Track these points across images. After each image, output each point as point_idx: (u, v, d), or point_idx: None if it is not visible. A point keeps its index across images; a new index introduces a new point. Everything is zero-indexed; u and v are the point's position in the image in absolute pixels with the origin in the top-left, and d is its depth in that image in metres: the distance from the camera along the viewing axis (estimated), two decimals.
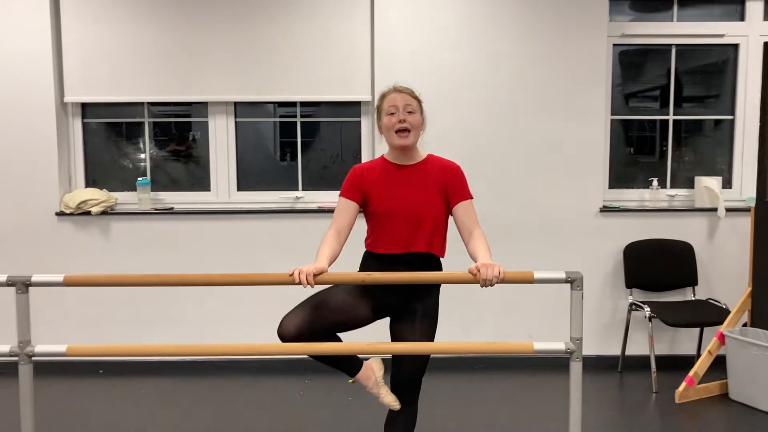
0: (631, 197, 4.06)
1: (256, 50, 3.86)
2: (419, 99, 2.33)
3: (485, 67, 3.84)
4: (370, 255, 2.32)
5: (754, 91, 3.94)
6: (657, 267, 3.91)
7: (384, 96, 2.32)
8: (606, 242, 3.95)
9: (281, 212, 3.94)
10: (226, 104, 3.97)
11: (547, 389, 3.64)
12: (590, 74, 3.85)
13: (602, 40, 3.84)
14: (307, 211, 3.94)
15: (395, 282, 2.14)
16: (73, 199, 3.83)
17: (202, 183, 4.07)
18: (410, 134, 2.26)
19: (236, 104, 4.00)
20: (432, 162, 2.33)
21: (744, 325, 3.55)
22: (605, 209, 3.93)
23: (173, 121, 4.14)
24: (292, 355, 3.72)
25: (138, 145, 4.11)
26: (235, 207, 3.98)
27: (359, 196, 2.29)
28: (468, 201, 2.29)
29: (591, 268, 3.89)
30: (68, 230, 3.89)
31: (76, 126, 3.98)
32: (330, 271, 2.06)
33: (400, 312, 2.30)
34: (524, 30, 3.82)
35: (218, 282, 2.20)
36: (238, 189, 4.06)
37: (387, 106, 2.28)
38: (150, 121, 4.06)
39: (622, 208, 3.97)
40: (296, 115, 4.06)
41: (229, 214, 3.93)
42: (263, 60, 3.87)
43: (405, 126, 2.24)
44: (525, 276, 2.03)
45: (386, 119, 2.28)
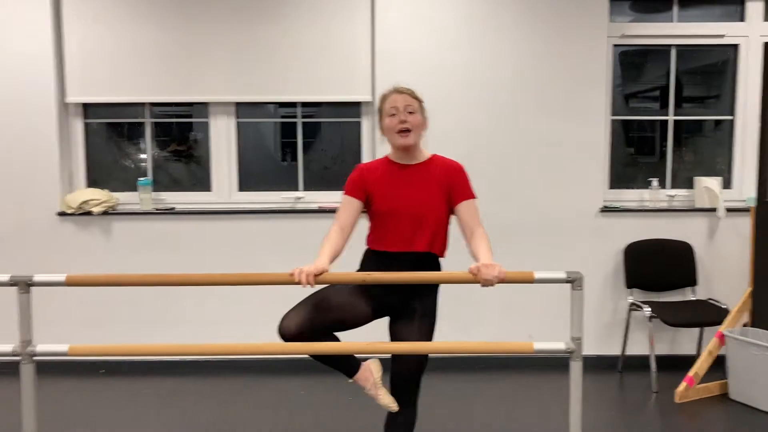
0: (632, 197, 4.06)
1: (257, 51, 3.87)
2: (420, 99, 2.33)
3: (486, 68, 3.85)
4: (371, 253, 2.33)
5: (754, 92, 3.94)
6: (657, 267, 3.92)
7: (385, 97, 2.33)
8: (606, 242, 3.95)
9: (282, 212, 3.94)
10: (227, 105, 3.98)
11: (547, 389, 3.64)
12: (590, 75, 3.85)
13: (602, 41, 3.84)
14: (308, 212, 3.95)
15: (396, 282, 2.15)
16: (75, 199, 3.84)
17: (204, 183, 4.08)
18: (411, 134, 2.26)
19: (237, 104, 4.00)
20: (435, 162, 2.34)
21: (744, 325, 3.55)
22: (605, 209, 3.94)
23: (174, 122, 4.15)
24: (293, 355, 3.73)
25: (139, 146, 4.12)
26: (236, 207, 3.99)
27: (362, 194, 2.30)
28: (470, 200, 2.29)
29: (591, 268, 3.90)
30: (70, 230, 3.90)
31: (78, 126, 3.99)
32: (331, 270, 2.07)
33: (400, 311, 2.31)
34: (524, 30, 3.83)
35: (219, 282, 2.20)
36: (239, 189, 4.07)
37: (388, 108, 2.28)
38: (151, 122, 4.07)
39: (623, 209, 3.97)
40: (297, 116, 4.07)
41: (230, 214, 3.94)
42: (264, 60, 3.88)
43: (406, 126, 2.25)
44: (525, 276, 2.03)
45: (387, 120, 2.29)
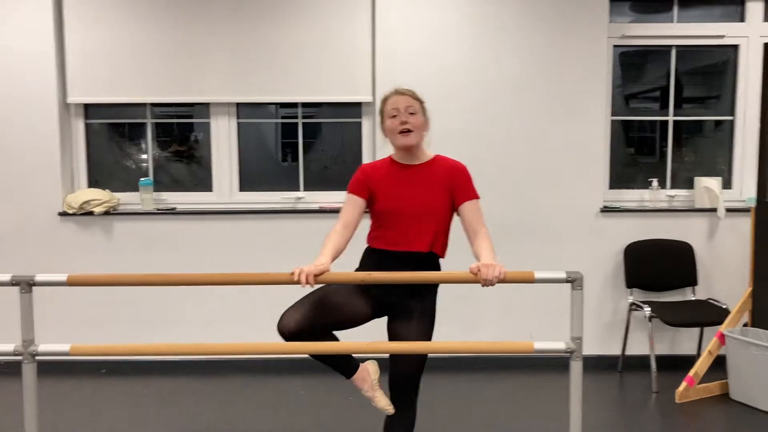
0: (632, 198, 4.07)
1: (258, 51, 3.88)
2: (421, 100, 2.34)
3: (486, 68, 3.85)
4: (372, 251, 2.34)
5: (754, 92, 3.94)
6: (657, 267, 3.92)
7: (386, 99, 2.34)
8: (606, 242, 3.96)
9: (283, 212, 3.95)
10: (228, 105, 3.99)
11: (548, 389, 3.64)
12: (591, 75, 3.86)
13: (602, 41, 3.85)
14: (309, 212, 3.95)
15: (396, 282, 2.15)
16: (76, 200, 3.84)
17: (205, 183, 4.08)
18: (412, 134, 2.27)
19: (238, 105, 4.01)
20: (438, 162, 2.35)
21: (744, 325, 3.56)
22: (605, 209, 3.94)
23: (175, 122, 4.15)
24: (293, 355, 3.73)
25: (140, 146, 4.13)
26: (237, 207, 3.99)
27: (366, 193, 2.31)
28: (474, 201, 2.30)
29: (591, 268, 3.90)
30: (71, 230, 3.91)
31: (79, 126, 4.00)
32: (332, 269, 2.07)
33: (398, 311, 2.31)
34: (525, 31, 3.83)
35: (220, 282, 2.21)
36: (240, 189, 4.07)
37: (389, 109, 2.30)
38: (152, 122, 4.08)
39: (623, 209, 3.98)
40: (298, 116, 4.07)
41: (231, 215, 3.94)
42: (265, 61, 3.89)
43: (407, 127, 2.26)
44: (526, 276, 2.04)
45: (389, 122, 2.30)
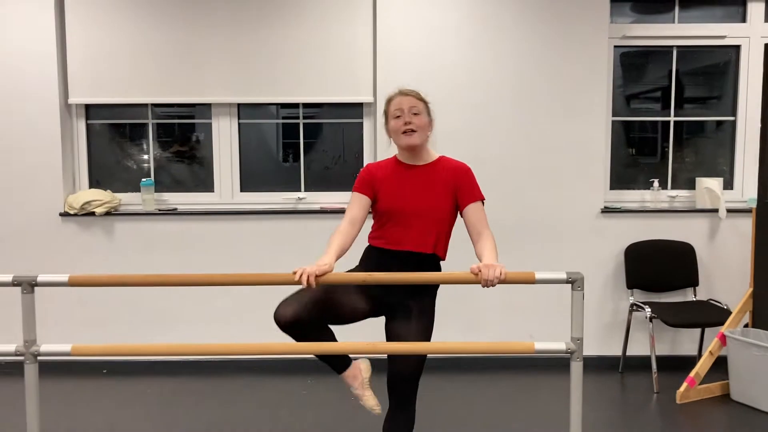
0: (632, 198, 4.07)
1: (259, 52, 3.88)
2: (425, 101, 2.35)
3: (487, 68, 3.85)
4: (372, 249, 2.35)
5: (756, 93, 3.93)
6: (658, 268, 3.92)
7: (390, 100, 2.35)
8: (607, 243, 3.96)
9: (284, 213, 3.95)
10: (230, 106, 3.99)
11: (548, 389, 3.65)
12: (591, 75, 3.86)
13: (603, 42, 3.85)
14: (310, 212, 3.95)
15: (396, 282, 2.15)
16: (77, 200, 3.85)
17: (206, 184, 4.09)
18: (416, 134, 2.28)
19: (239, 105, 4.01)
20: (443, 163, 2.35)
21: (745, 326, 3.55)
22: (606, 210, 3.94)
23: (177, 123, 4.16)
24: (293, 355, 3.74)
25: (142, 146, 4.13)
26: (238, 208, 4.00)
27: (371, 192, 2.32)
28: (478, 202, 2.30)
29: (592, 269, 3.90)
30: (72, 231, 3.91)
31: (80, 127, 4.01)
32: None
33: (397, 310, 2.31)
34: (525, 31, 3.84)
35: (221, 282, 2.21)
36: (241, 190, 4.08)
37: (393, 110, 2.31)
38: (154, 123, 4.08)
39: (623, 209, 3.98)
40: (299, 117, 4.08)
41: (232, 215, 3.95)
42: (266, 61, 3.89)
43: (410, 127, 2.27)
44: (526, 276, 2.04)
45: (393, 122, 2.31)
